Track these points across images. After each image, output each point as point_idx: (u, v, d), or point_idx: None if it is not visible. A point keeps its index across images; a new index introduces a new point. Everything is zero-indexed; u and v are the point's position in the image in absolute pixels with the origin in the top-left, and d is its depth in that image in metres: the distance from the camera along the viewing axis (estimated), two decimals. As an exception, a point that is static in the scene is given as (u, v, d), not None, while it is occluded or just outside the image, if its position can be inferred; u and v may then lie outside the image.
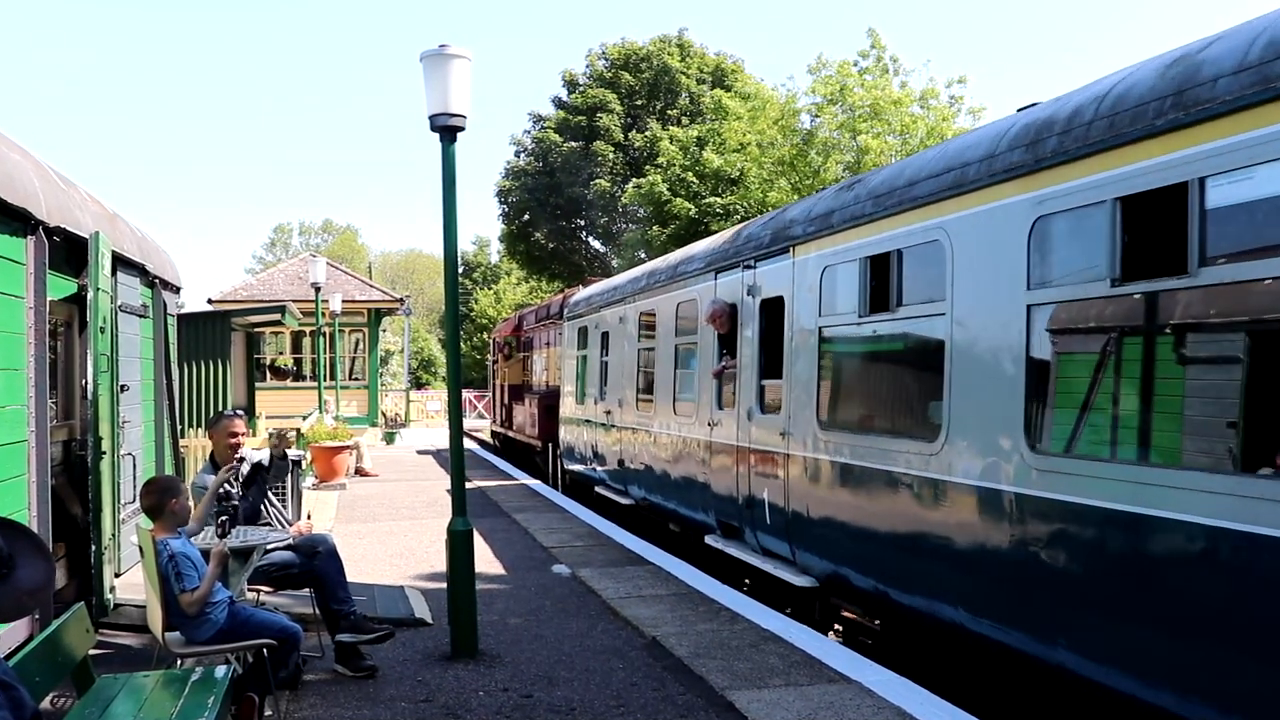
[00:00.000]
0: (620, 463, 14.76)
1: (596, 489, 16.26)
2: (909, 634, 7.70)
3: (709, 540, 10.95)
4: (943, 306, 6.85)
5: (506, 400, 28.56)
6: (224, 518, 6.94)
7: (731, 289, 10.65)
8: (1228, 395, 4.88)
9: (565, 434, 19.05)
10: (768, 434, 9.56)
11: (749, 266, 10.24)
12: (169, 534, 6.20)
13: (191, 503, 7.36)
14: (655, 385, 13.30)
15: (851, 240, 8.16)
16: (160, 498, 6.30)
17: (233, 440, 7.75)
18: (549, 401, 21.46)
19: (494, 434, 32.61)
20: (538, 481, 20.13)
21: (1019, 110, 6.91)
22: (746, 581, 10.38)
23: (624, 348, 14.85)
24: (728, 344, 10.70)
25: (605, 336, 15.97)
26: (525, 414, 24.67)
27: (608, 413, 15.35)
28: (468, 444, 24.76)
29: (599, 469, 16.09)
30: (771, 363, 9.68)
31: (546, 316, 23.99)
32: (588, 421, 16.80)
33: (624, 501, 14.62)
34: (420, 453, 27.50)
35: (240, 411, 8.55)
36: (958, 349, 6.68)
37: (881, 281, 7.72)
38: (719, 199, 31.48)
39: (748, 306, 10.21)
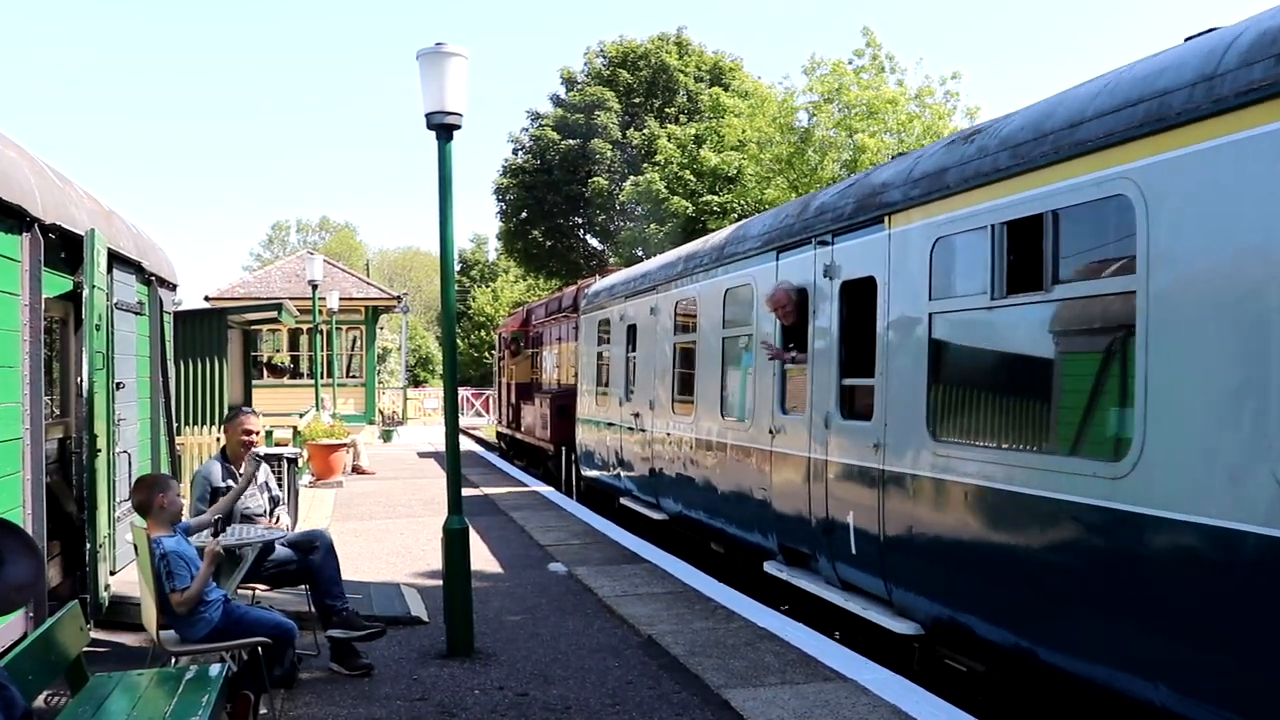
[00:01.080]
0: (652, 472, 13.05)
1: (621, 500, 14.51)
2: (1059, 697, 6.18)
3: (769, 568, 9.34)
4: (1132, 281, 5.26)
5: (514, 400, 26.71)
6: (218, 516, 6.94)
7: (799, 270, 9.01)
8: None
9: (583, 437, 17.32)
10: (853, 445, 7.89)
11: (824, 243, 8.57)
12: (162, 532, 6.20)
13: (186, 498, 7.37)
14: (697, 385, 11.44)
15: (977, 203, 6.55)
16: (148, 494, 6.31)
17: (246, 437, 7.82)
18: (562, 402, 19.74)
19: (500, 435, 30.73)
20: (549, 488, 18.64)
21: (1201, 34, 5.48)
22: (836, 633, 8.51)
23: (655, 342, 13.19)
24: (794, 336, 9.07)
25: (631, 330, 14.35)
26: (535, 415, 22.71)
27: (635, 415, 13.75)
28: (469, 445, 24.47)
29: (624, 478, 14.49)
30: (857, 358, 8.08)
31: (558, 310, 22.15)
32: (610, 424, 15.18)
33: (655, 516, 12.87)
34: (422, 455, 26.38)
35: (254, 410, 8.54)
36: (1160, 335, 5.08)
37: (1025, 253, 6.11)
38: (716, 197, 31.48)
39: (822, 291, 8.55)
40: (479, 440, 35.41)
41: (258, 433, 8.12)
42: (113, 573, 8.57)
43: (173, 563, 5.99)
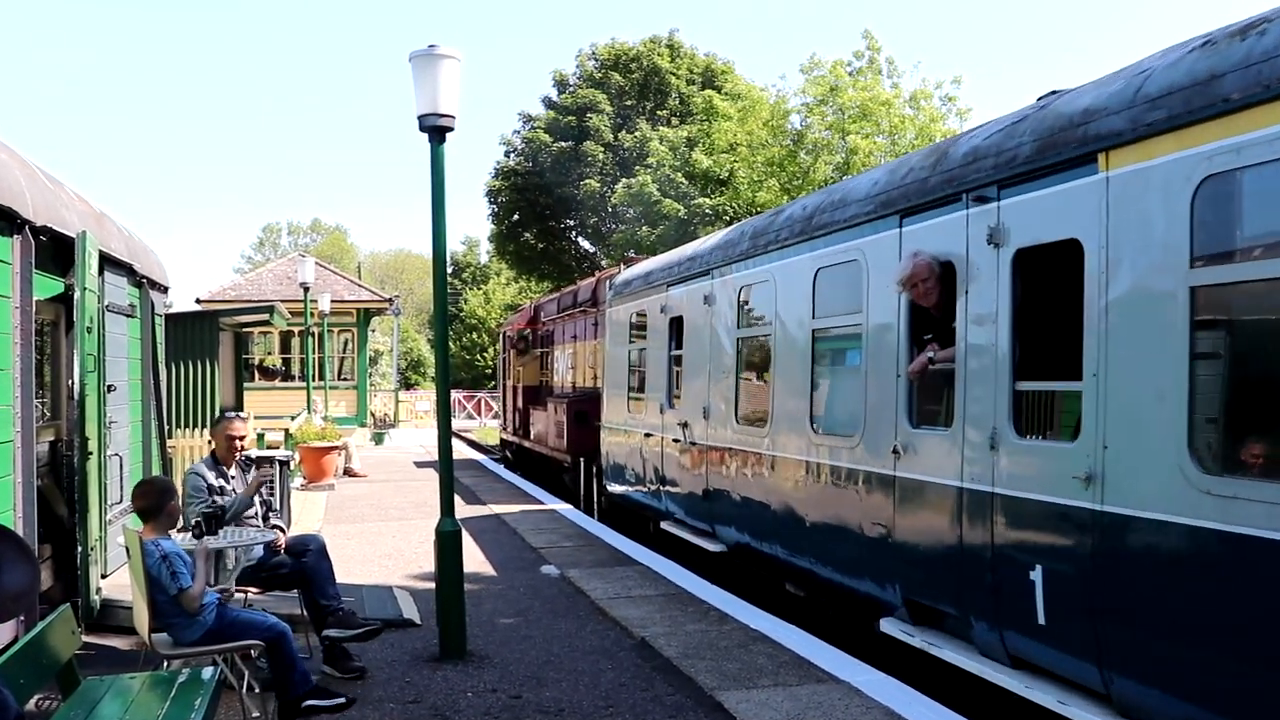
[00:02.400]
0: (706, 494, 10.76)
1: (662, 525, 12.15)
2: None
3: (889, 627, 7.22)
4: None
5: (521, 404, 23.97)
6: (211, 517, 6.93)
7: (940, 238, 6.81)
8: None
9: (610, 449, 14.87)
10: (1042, 474, 5.85)
11: (982, 199, 6.44)
12: (159, 535, 6.19)
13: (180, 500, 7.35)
14: (774, 390, 9.19)
15: None
16: (158, 499, 6.32)
17: (232, 442, 7.86)
18: (581, 407, 17.52)
19: (504, 443, 27.62)
20: (568, 506, 16.40)
21: None
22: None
23: (710, 338, 10.84)
24: (932, 325, 6.93)
25: (676, 324, 12.15)
26: (548, 422, 20.06)
27: (683, 425, 11.36)
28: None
29: (666, 498, 12.13)
30: (1039, 354, 6.20)
31: (573, 305, 19.94)
32: (648, 435, 12.85)
33: (709, 547, 10.60)
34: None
35: (242, 413, 8.56)
36: None
37: None
38: (708, 200, 31.50)
39: (980, 264, 6.44)
40: (472, 444, 35.34)
41: (245, 436, 8.14)
42: (104, 576, 8.55)
43: (175, 562, 5.99)
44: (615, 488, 14.68)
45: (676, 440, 11.74)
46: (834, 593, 8.27)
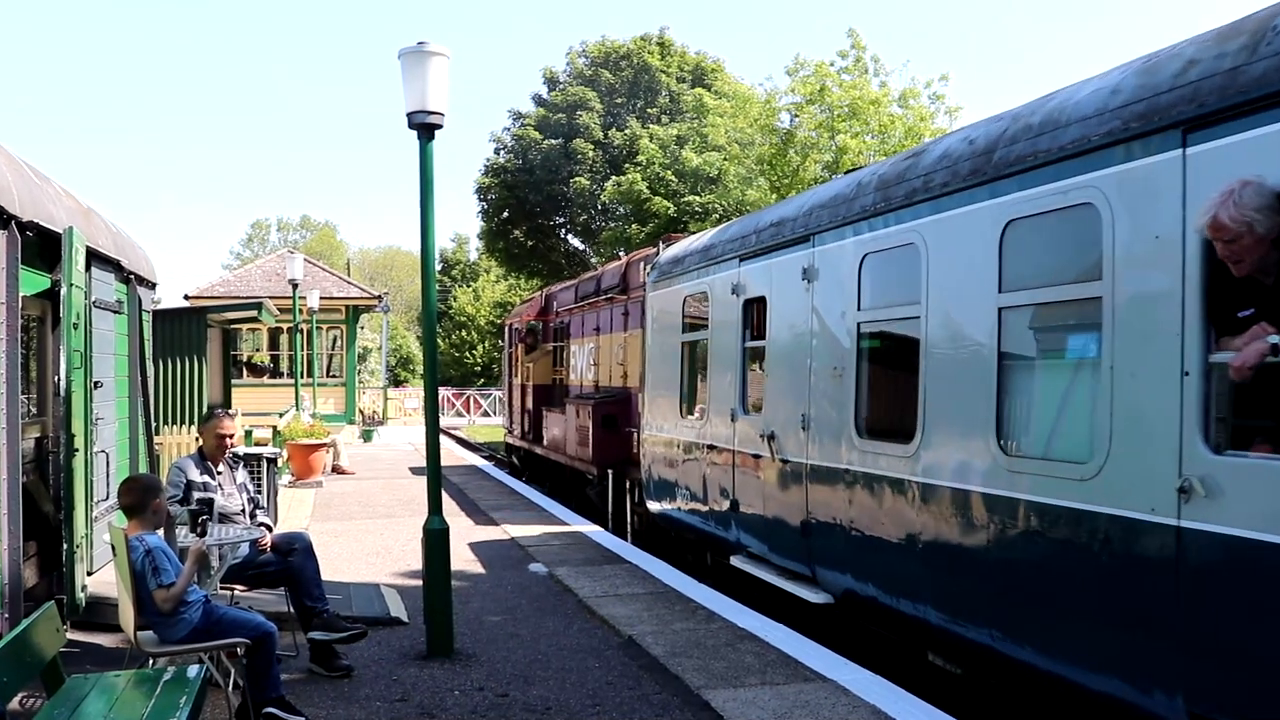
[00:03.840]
0: (805, 528, 8.35)
1: (734, 560, 9.74)
2: None
3: None
4: None
5: (532, 405, 21.54)
6: (204, 516, 6.92)
7: (1250, 161, 4.56)
8: None
9: (653, 462, 12.44)
10: None
11: None
12: (144, 531, 6.16)
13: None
14: (925, 392, 6.74)
15: None
16: (142, 496, 6.27)
17: (221, 441, 7.87)
18: (609, 410, 15.39)
19: (510, 449, 25.26)
20: (595, 528, 14.01)
21: None
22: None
23: (813, 323, 8.38)
24: (1261, 295, 4.59)
25: (754, 308, 9.72)
26: (567, 426, 17.44)
27: (768, 438, 8.96)
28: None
29: (738, 527, 9.82)
30: None
31: (595, 293, 17.49)
32: (711, 448, 10.44)
33: (810, 596, 8.17)
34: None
35: (231, 411, 8.54)
36: None
37: None
38: (698, 197, 31.51)
39: None
40: (462, 442, 35.28)
41: (233, 434, 8.14)
42: (90, 573, 8.51)
43: (158, 558, 5.96)
44: (660, 508, 12.26)
45: (756, 456, 9.28)
46: (1025, 677, 6.03)
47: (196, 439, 13.38)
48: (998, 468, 6.05)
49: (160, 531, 6.54)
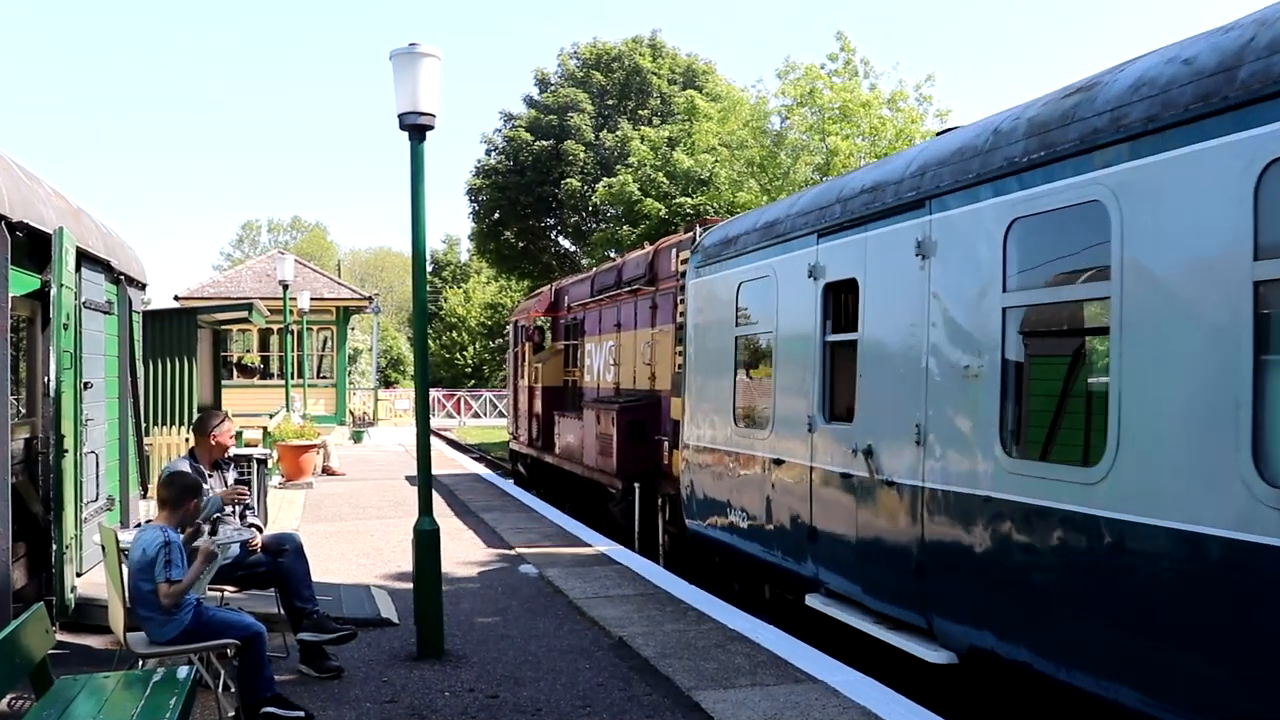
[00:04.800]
0: (920, 568, 6.74)
1: (811, 600, 8.21)
2: None
3: None
4: None
5: (541, 409, 19.58)
6: (216, 515, 6.92)
7: None
8: None
9: (698, 476, 10.77)
10: None
11: None
12: (170, 525, 6.17)
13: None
14: (1120, 402, 5.20)
15: None
16: (181, 495, 6.32)
17: (221, 451, 7.88)
18: (635, 416, 13.69)
19: (516, 455, 23.20)
20: (621, 549, 12.30)
21: None
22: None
23: (931, 311, 6.76)
24: None
25: (839, 294, 8.19)
26: (584, 434, 15.69)
27: (863, 453, 7.36)
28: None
29: (818, 560, 8.19)
30: None
31: (616, 285, 15.74)
32: (779, 463, 8.88)
33: (927, 655, 6.59)
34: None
35: (228, 415, 8.49)
36: None
37: None
38: (689, 199, 31.52)
39: None
40: (452, 443, 35.24)
41: (230, 440, 8.14)
42: (79, 574, 8.49)
43: (174, 553, 5.96)
44: (704, 530, 10.67)
45: (846, 475, 7.68)
46: None
47: (187, 439, 13.39)
48: (1255, 506, 4.39)
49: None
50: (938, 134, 7.96)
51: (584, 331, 18.09)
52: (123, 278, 10.53)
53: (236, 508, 7.84)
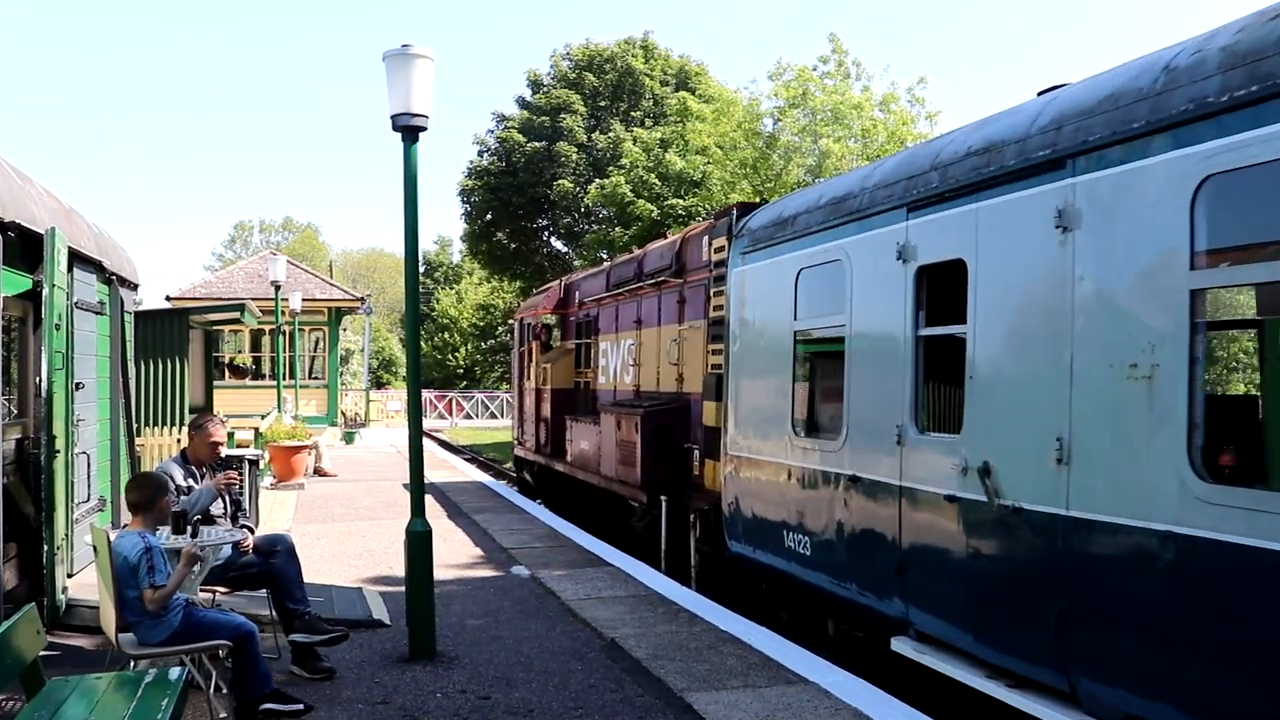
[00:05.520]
0: (1061, 618, 5.49)
1: (898, 644, 6.92)
2: None
3: None
4: None
5: (550, 413, 18.07)
6: (190, 517, 6.90)
7: None
8: None
9: (741, 492, 9.61)
10: None
11: None
12: (147, 529, 6.17)
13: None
14: None
15: None
16: (153, 495, 6.36)
17: (214, 450, 7.88)
18: (662, 422, 12.40)
19: (521, 462, 21.44)
20: (645, 569, 11.18)
21: None
22: None
23: (1063, 300, 5.63)
24: None
25: (935, 280, 6.93)
26: (601, 440, 14.23)
27: (978, 473, 6.12)
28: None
29: (909, 598, 6.90)
30: None
31: (636, 278, 14.40)
32: (854, 480, 7.58)
33: None
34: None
35: (220, 416, 8.50)
36: None
37: None
38: (681, 201, 31.53)
39: None
40: (444, 444, 35.20)
41: (224, 442, 8.14)
42: (70, 575, 8.48)
43: (156, 558, 5.97)
44: (750, 553, 9.44)
45: (952, 499, 6.37)
46: None
47: (178, 440, 13.38)
48: None
49: (160, 530, 6.56)
50: (1044, 91, 6.59)
51: (598, 329, 16.68)
52: (114, 278, 10.51)
53: (228, 506, 7.83)
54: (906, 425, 6.94)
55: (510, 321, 29.25)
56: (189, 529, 6.82)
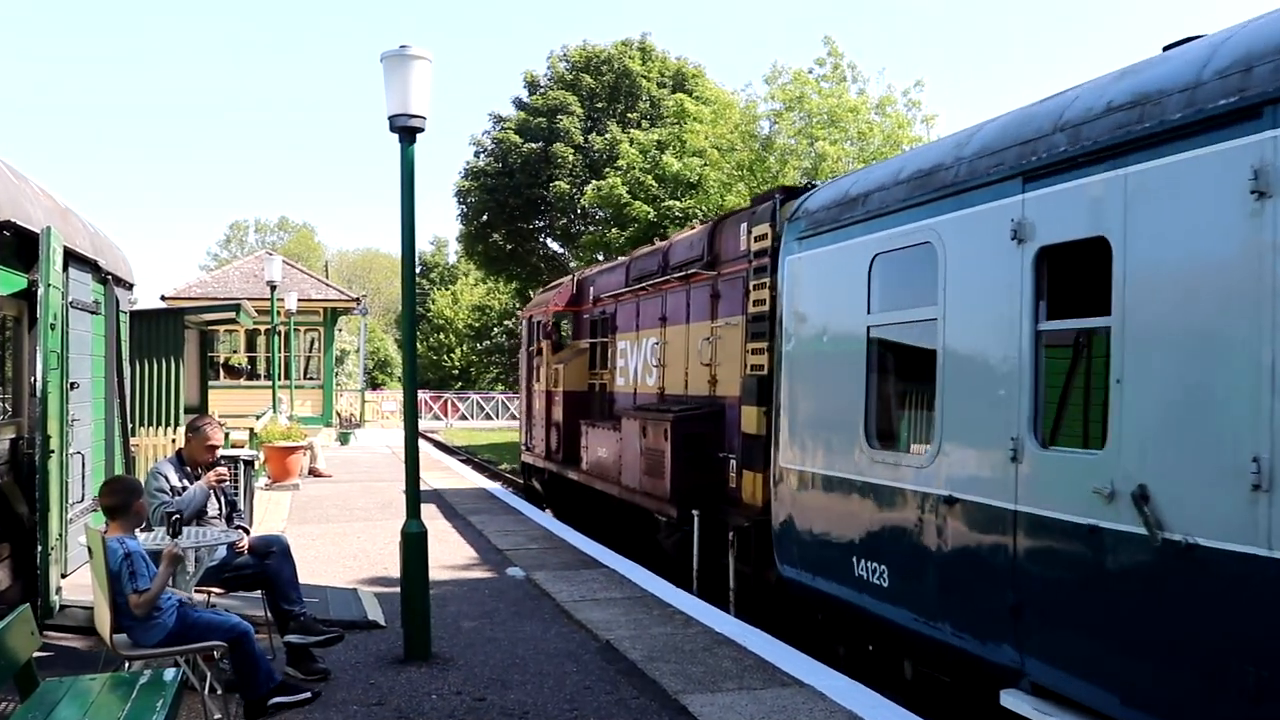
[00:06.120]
0: (1262, 687, 4.40)
1: (1009, 699, 5.90)
2: None
3: None
4: None
5: (562, 417, 16.93)
6: (175, 516, 6.88)
7: None
8: None
9: (798, 509, 8.48)
10: None
11: None
12: (125, 534, 6.15)
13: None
14: None
15: None
16: (126, 497, 6.30)
17: (210, 454, 7.85)
18: (693, 429, 11.19)
19: (529, 469, 20.17)
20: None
21: None
22: None
23: (1254, 285, 4.57)
24: None
25: (1059, 264, 5.95)
26: (623, 448, 13.07)
27: (1134, 499, 5.06)
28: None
29: (1023, 642, 5.86)
30: None
31: (661, 271, 13.33)
32: (952, 502, 6.49)
33: None
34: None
35: (217, 418, 8.47)
36: None
37: None
38: (678, 203, 31.55)
39: None
40: (440, 445, 35.17)
41: (220, 444, 8.13)
42: (64, 576, 8.46)
43: (137, 563, 5.95)
44: (815, 582, 8.21)
45: (1093, 529, 5.33)
46: None
47: (173, 440, 13.36)
48: None
49: (139, 532, 6.54)
50: (1170, 46, 5.81)
51: (615, 327, 15.46)
52: (110, 277, 10.49)
53: (223, 506, 7.82)
54: (1024, 438, 5.86)
55: (517, 317, 28.14)
56: (171, 529, 6.77)
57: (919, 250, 6.96)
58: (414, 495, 8.00)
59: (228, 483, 7.88)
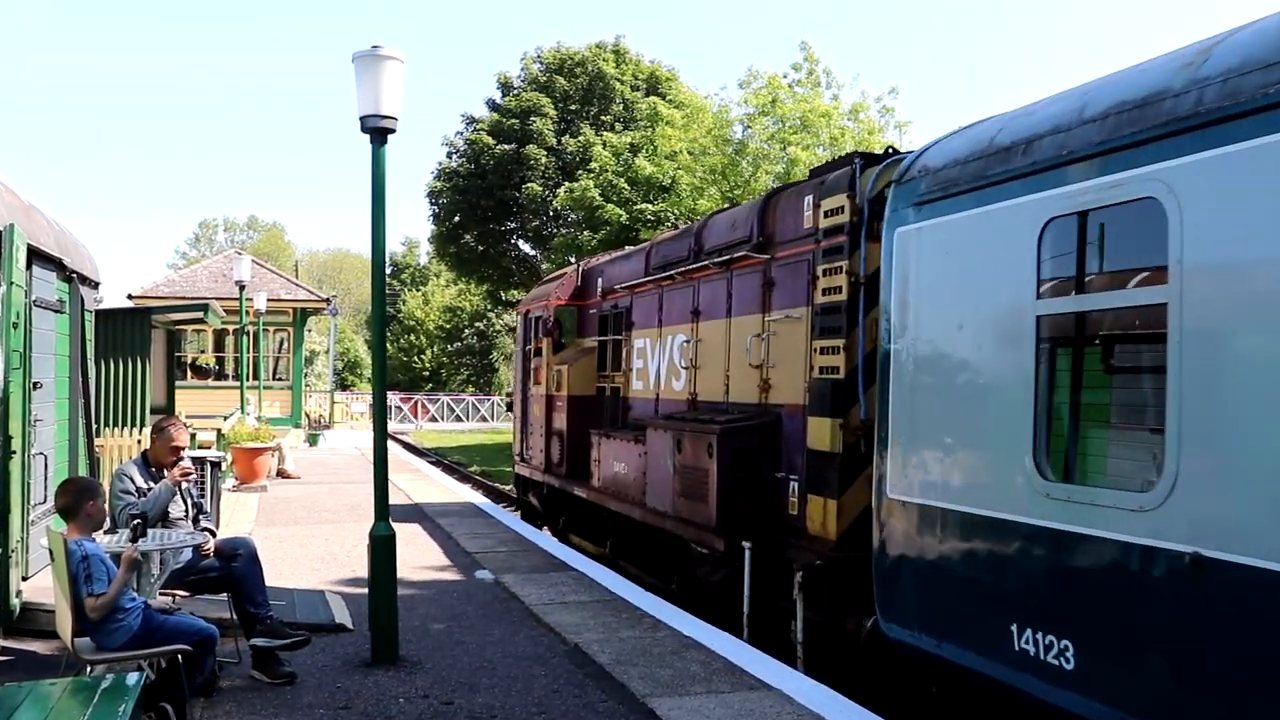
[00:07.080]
0: None
1: None
2: None
3: None
4: None
5: (566, 425, 14.75)
6: (136, 520, 6.80)
7: None
8: None
9: (909, 551, 6.53)
10: None
11: None
12: (82, 536, 6.07)
13: (108, 501, 7.20)
14: None
15: None
16: (77, 499, 6.19)
17: (174, 455, 7.78)
18: (745, 442, 9.22)
19: (526, 483, 17.54)
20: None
21: None
22: None
23: None
24: None
25: None
26: (648, 464, 10.96)
27: None
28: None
29: None
30: None
31: (692, 256, 11.40)
32: (1197, 562, 4.43)
33: None
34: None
35: (181, 418, 8.40)
36: None
37: None
38: (650, 206, 31.57)
39: None
40: (409, 447, 35.02)
41: (185, 444, 8.05)
42: (25, 578, 8.36)
43: (93, 566, 5.87)
44: (941, 648, 6.17)
45: None
46: None
47: (138, 441, 13.23)
48: None
49: (103, 534, 6.46)
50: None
51: (631, 323, 13.37)
52: (75, 276, 10.38)
53: (189, 508, 7.75)
54: None
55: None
56: (134, 532, 6.69)
57: (1132, 209, 5.10)
58: (383, 498, 7.96)
59: (194, 480, 7.81)
